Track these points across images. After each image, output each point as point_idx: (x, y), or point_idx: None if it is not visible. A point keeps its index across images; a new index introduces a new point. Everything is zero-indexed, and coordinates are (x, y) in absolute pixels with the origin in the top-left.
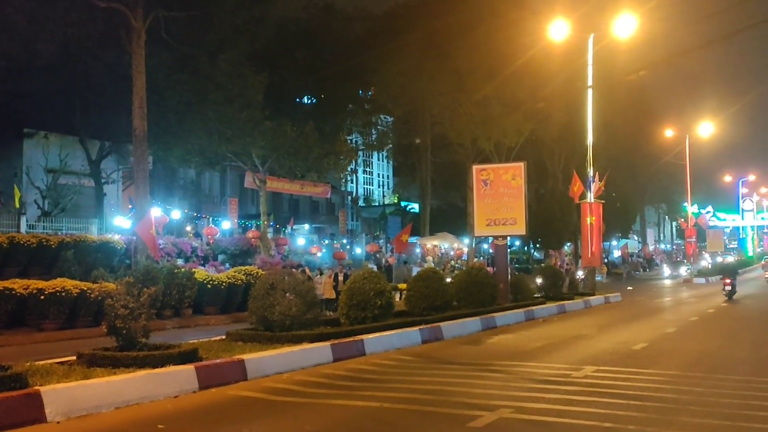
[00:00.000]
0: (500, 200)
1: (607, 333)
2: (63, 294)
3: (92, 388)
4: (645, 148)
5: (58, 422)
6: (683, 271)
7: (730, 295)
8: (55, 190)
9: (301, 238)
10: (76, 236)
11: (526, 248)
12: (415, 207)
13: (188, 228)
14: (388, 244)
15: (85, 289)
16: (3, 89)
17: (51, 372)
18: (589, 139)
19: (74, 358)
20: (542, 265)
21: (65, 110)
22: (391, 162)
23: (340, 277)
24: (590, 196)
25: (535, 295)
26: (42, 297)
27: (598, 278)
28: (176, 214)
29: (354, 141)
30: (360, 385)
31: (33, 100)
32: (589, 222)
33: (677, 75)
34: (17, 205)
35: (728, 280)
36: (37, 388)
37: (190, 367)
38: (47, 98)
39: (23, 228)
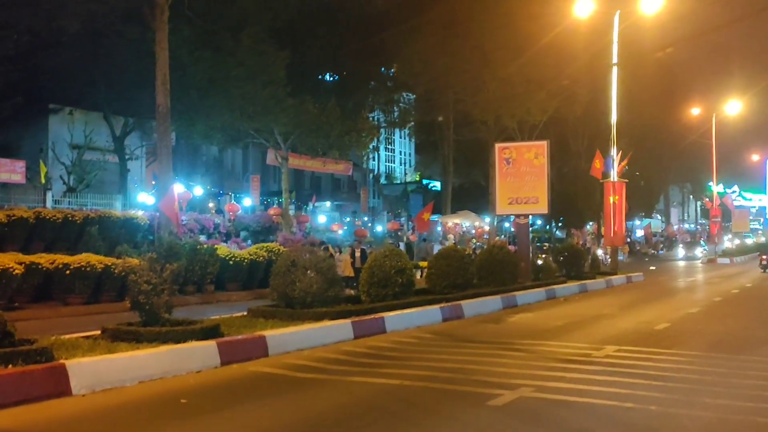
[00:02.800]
0: (522, 179)
1: (628, 313)
2: (88, 269)
3: (116, 362)
4: (670, 127)
5: (83, 395)
6: (699, 252)
7: (765, 268)
8: (79, 165)
9: (322, 215)
10: (100, 212)
11: (548, 227)
12: (436, 185)
13: (210, 204)
14: (410, 222)
15: (109, 264)
16: (28, 65)
17: (76, 346)
18: (613, 118)
19: (99, 332)
20: (558, 244)
21: (90, 86)
22: (413, 140)
23: (357, 254)
24: (613, 175)
25: (557, 274)
26: (67, 272)
27: (620, 257)
28: (199, 191)
29: (376, 118)
30: (381, 363)
31: (58, 76)
32: (612, 201)
33: (705, 52)
34: (43, 181)
35: (765, 257)
36: (62, 361)
37: (212, 343)
38: (72, 74)
39: (49, 203)
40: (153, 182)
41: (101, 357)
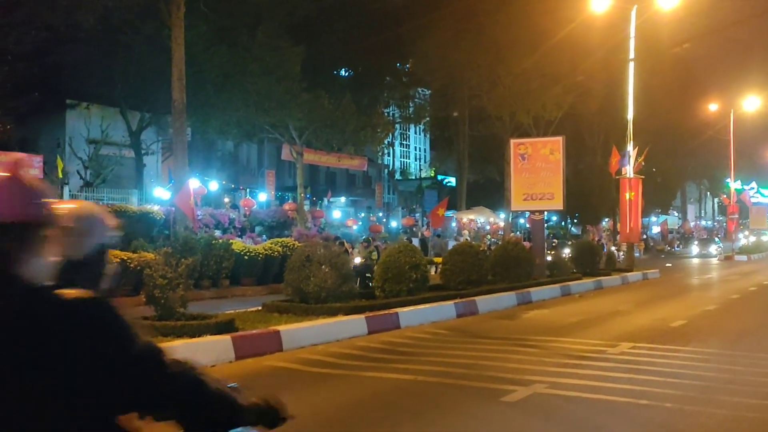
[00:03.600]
0: (538, 175)
1: (644, 309)
2: None
3: None
4: (687, 123)
5: None
6: (714, 249)
7: None
8: (96, 160)
9: (337, 210)
10: (116, 206)
11: (563, 223)
12: (451, 181)
13: (226, 199)
14: (425, 218)
15: (125, 258)
16: (46, 61)
17: None
18: (630, 114)
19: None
20: (572, 241)
21: (106, 82)
22: (428, 135)
23: (370, 248)
24: (630, 171)
25: (572, 271)
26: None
27: (636, 254)
28: (214, 186)
29: (391, 114)
30: (394, 358)
31: (75, 71)
32: (627, 197)
33: (723, 47)
34: (60, 176)
35: None
36: None
37: (226, 337)
38: (89, 70)
39: (66, 198)
40: (169, 177)
41: None
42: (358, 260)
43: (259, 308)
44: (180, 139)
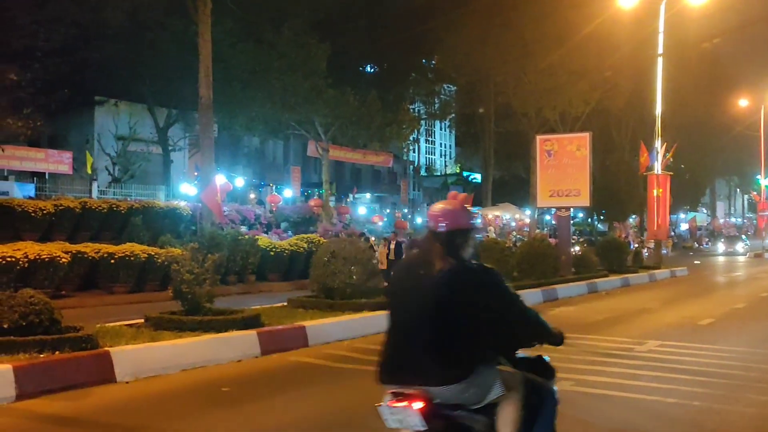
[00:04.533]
0: (564, 171)
1: (672, 307)
2: (132, 258)
3: (159, 350)
4: (717, 119)
5: (127, 382)
6: (740, 247)
7: None
8: (124, 156)
9: (362, 206)
10: (144, 202)
11: (589, 220)
12: (477, 177)
13: (252, 195)
14: None
15: (153, 254)
16: (75, 58)
17: (120, 334)
18: (658, 109)
19: (142, 320)
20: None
21: (134, 78)
22: (453, 131)
23: (392, 246)
24: (658, 168)
25: (598, 268)
26: (112, 261)
27: (663, 251)
28: (240, 182)
29: (416, 110)
30: None
31: (103, 68)
32: (655, 194)
33: (754, 43)
34: (89, 172)
35: None
36: (107, 348)
37: (252, 333)
38: (117, 67)
39: (95, 193)
40: (195, 173)
41: (144, 345)
42: None
43: (285, 304)
44: (207, 135)
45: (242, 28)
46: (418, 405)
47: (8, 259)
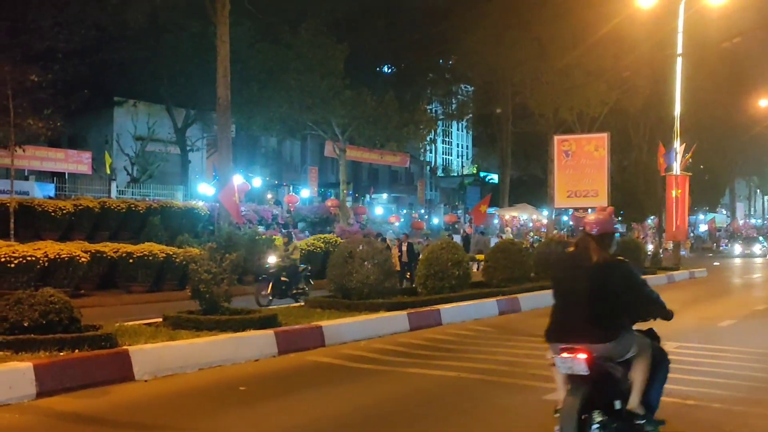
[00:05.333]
0: (582, 171)
1: (691, 309)
2: (150, 258)
3: (177, 349)
4: (737, 119)
5: (145, 381)
6: (758, 248)
7: None
8: (143, 157)
9: (379, 207)
10: (162, 202)
11: None
12: (494, 178)
13: (269, 195)
14: (467, 215)
15: (171, 253)
16: (95, 59)
17: (139, 333)
18: (677, 110)
19: (160, 320)
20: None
21: (153, 79)
22: (470, 132)
23: (404, 248)
24: (676, 169)
25: None
26: (131, 260)
27: (682, 253)
28: (258, 182)
29: (433, 110)
30: (437, 354)
31: (123, 69)
32: (674, 195)
33: None
34: (108, 172)
35: None
36: (125, 347)
37: (269, 332)
38: (136, 68)
39: (113, 193)
40: (213, 173)
41: (163, 344)
42: (273, 259)
43: (302, 304)
44: (224, 135)
45: (260, 29)
46: (583, 356)
47: (29, 258)
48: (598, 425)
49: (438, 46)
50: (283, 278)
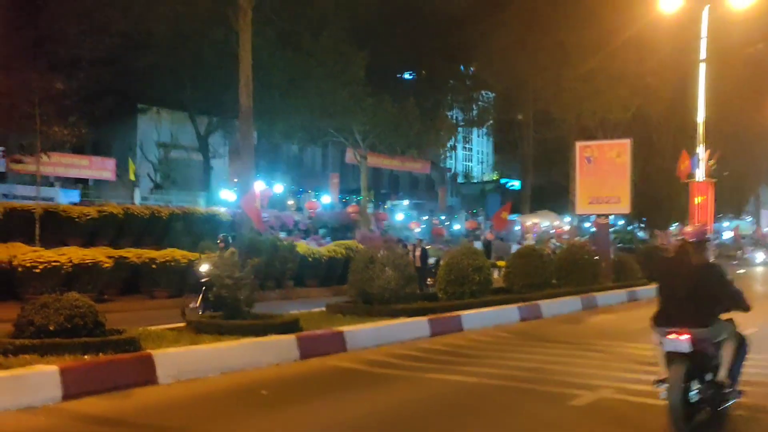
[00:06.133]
0: (604, 178)
1: None
2: (173, 264)
3: (200, 353)
4: (762, 124)
5: (168, 384)
6: None
7: None
8: (166, 163)
9: (400, 213)
10: (185, 208)
11: (630, 228)
12: (515, 184)
13: (290, 202)
14: (487, 221)
15: (193, 259)
16: (119, 67)
17: (162, 337)
18: (701, 116)
19: (183, 324)
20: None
21: (176, 87)
22: (491, 138)
23: (417, 253)
24: (700, 175)
25: (638, 276)
26: (154, 266)
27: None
28: (279, 188)
29: (454, 117)
30: (457, 360)
31: (146, 77)
32: (697, 202)
33: None
34: (132, 178)
35: None
36: (149, 351)
37: (291, 337)
38: (159, 75)
39: (137, 199)
40: (235, 180)
41: (186, 348)
42: (205, 267)
43: (323, 309)
44: (246, 142)
45: (281, 36)
46: (686, 338)
47: (53, 263)
48: (695, 391)
49: (459, 53)
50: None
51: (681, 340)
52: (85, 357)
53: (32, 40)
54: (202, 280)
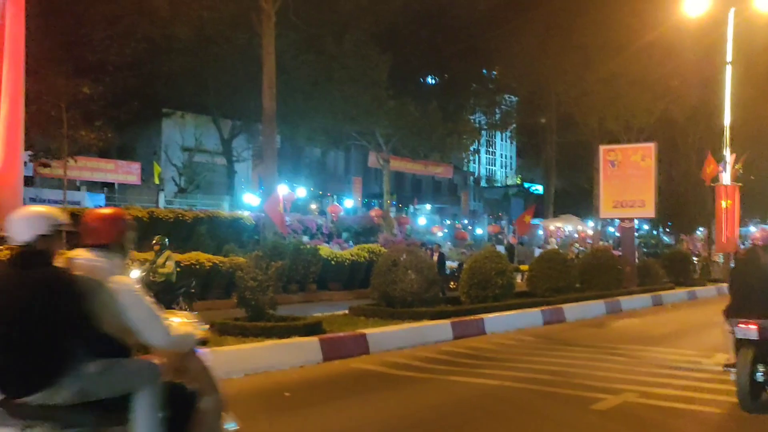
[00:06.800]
0: (628, 181)
1: None
2: (197, 266)
3: (224, 354)
4: None
5: None
6: None
7: None
8: (190, 167)
9: (422, 217)
10: (209, 212)
11: (655, 232)
12: (538, 188)
13: (313, 206)
14: (510, 225)
15: (217, 262)
16: (144, 71)
17: None
18: (727, 119)
19: (207, 326)
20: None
21: (200, 91)
22: (514, 142)
23: (435, 257)
24: (726, 179)
25: (664, 280)
26: (178, 269)
27: (732, 265)
28: (302, 192)
29: (477, 121)
30: (480, 363)
31: (171, 81)
32: (724, 206)
33: None
34: (156, 182)
35: None
36: None
37: (314, 339)
38: (183, 80)
39: (161, 203)
40: (258, 183)
41: (209, 349)
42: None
43: (346, 312)
44: (270, 146)
45: (304, 40)
46: (754, 327)
47: None
48: (761, 373)
49: (482, 56)
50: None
51: (750, 329)
52: None
53: (60, 46)
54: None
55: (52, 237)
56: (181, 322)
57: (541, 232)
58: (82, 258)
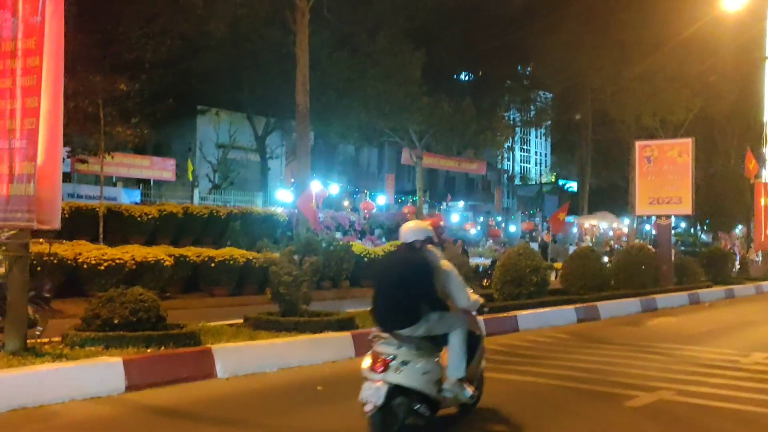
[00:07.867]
0: (664, 178)
1: None
2: (231, 262)
3: (257, 349)
4: None
5: (226, 379)
6: None
7: None
8: (224, 164)
9: (455, 214)
10: (242, 208)
11: (692, 230)
12: (572, 186)
13: (346, 202)
14: (544, 223)
15: (251, 258)
16: (179, 69)
17: (221, 332)
18: (766, 115)
19: (241, 321)
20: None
21: (234, 88)
22: (548, 139)
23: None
24: (766, 176)
25: (701, 279)
26: (212, 264)
27: None
28: (335, 189)
29: (511, 118)
30: (513, 360)
31: (206, 78)
32: (763, 203)
33: None
34: (191, 178)
35: None
36: (209, 346)
37: (347, 335)
38: (218, 77)
39: (196, 199)
40: (292, 180)
41: (244, 343)
42: None
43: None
44: (303, 143)
45: (338, 37)
46: None
47: (117, 261)
48: None
49: (516, 53)
50: None
51: None
52: (148, 350)
53: (97, 44)
54: None
55: (423, 240)
56: (472, 292)
57: (575, 230)
58: (432, 249)
